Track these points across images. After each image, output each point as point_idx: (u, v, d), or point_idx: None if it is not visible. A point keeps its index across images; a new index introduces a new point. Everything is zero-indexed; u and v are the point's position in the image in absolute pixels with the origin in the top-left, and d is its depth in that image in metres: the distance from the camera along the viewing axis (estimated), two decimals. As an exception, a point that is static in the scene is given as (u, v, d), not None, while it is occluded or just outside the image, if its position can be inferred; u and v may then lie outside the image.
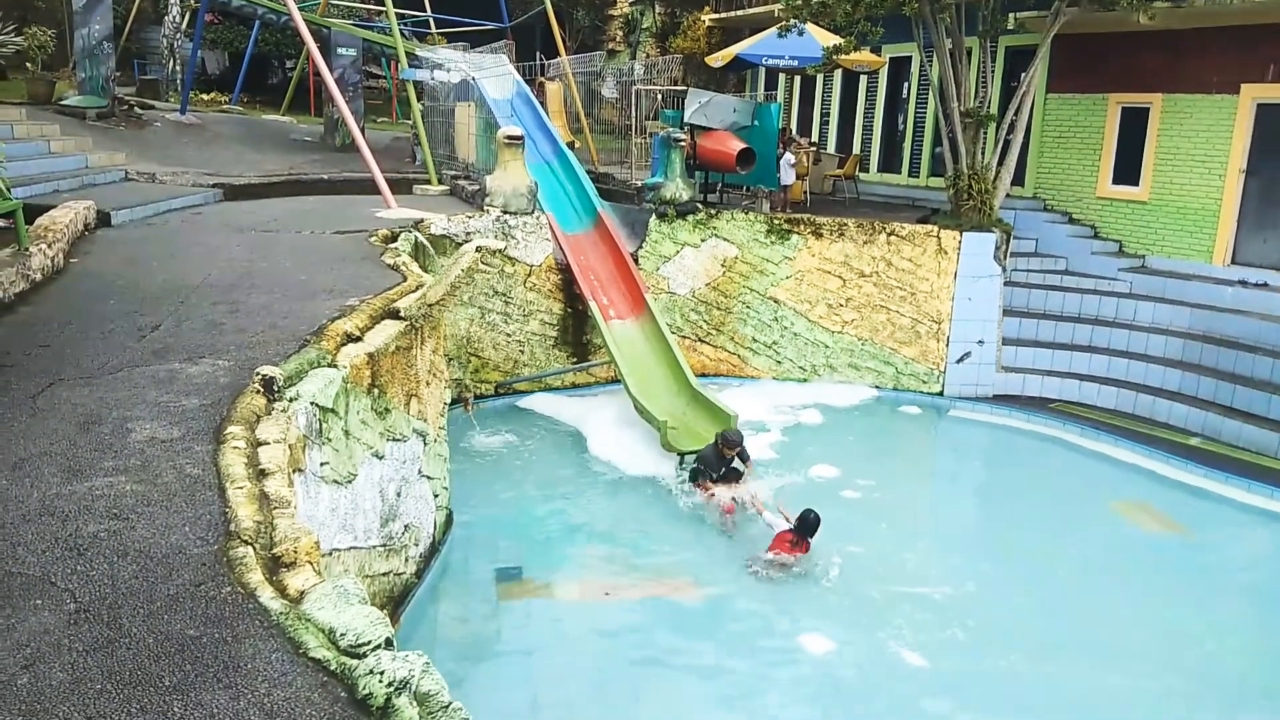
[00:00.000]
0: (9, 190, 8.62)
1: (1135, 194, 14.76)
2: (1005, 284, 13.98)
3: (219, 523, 4.22)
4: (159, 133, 18.50)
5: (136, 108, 19.52)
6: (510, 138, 13.15)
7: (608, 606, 8.25)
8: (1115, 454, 11.87)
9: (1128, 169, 14.85)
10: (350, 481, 6.40)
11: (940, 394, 13.87)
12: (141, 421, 5.25)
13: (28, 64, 18.11)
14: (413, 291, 8.28)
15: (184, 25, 27.35)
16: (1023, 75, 14.09)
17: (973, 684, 7.31)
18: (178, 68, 26.68)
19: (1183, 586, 9.00)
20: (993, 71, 14.96)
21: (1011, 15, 14.29)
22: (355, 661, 3.34)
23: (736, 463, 10.16)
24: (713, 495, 9.83)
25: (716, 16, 22.95)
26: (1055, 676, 7.40)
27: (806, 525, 8.74)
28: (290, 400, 5.68)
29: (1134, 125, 14.69)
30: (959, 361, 13.82)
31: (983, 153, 14.03)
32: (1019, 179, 15.56)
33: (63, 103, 17.08)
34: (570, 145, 16.87)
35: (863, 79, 18.71)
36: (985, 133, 14.02)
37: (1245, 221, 13.58)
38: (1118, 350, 13.73)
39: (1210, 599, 8.79)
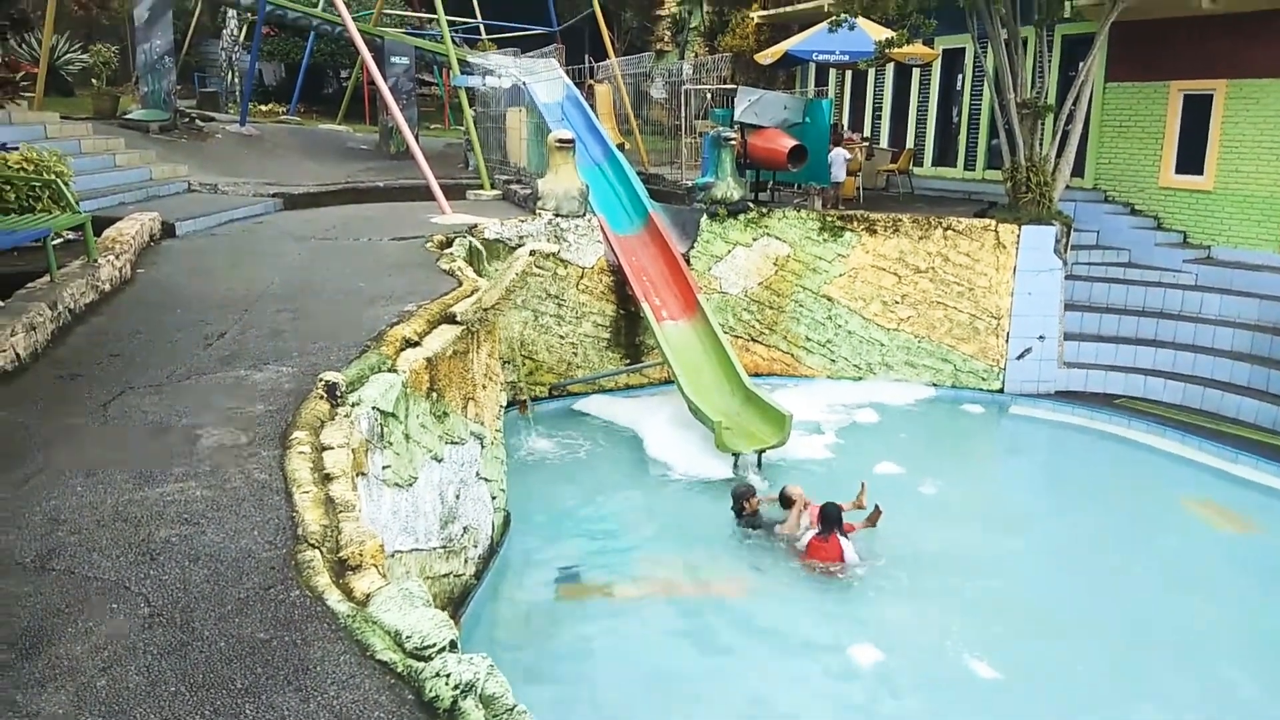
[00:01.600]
0: (78, 203, 8.89)
1: (1199, 183, 14.37)
2: (1066, 277, 13.70)
3: (287, 526, 4.30)
4: (219, 144, 18.92)
5: (197, 120, 19.99)
6: (561, 141, 13.21)
7: (665, 607, 8.25)
8: (1183, 451, 11.57)
9: (1191, 158, 14.46)
10: (411, 484, 6.48)
11: (1000, 391, 13.64)
12: (209, 428, 5.37)
13: (93, 80, 18.65)
14: (468, 296, 8.35)
15: (241, 38, 27.98)
16: (1080, 64, 13.78)
17: (1042, 687, 7.17)
18: (236, 80, 27.35)
19: (1257, 585, 8.76)
20: (1049, 61, 14.64)
21: (1068, 3, 13.98)
22: (421, 664, 3.38)
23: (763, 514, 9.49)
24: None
25: (765, 13, 22.80)
26: (1126, 676, 7.25)
27: (828, 521, 8.63)
28: (353, 405, 5.77)
29: (1197, 113, 14.30)
30: (1019, 358, 13.56)
31: (1041, 144, 13.76)
32: (1079, 170, 15.26)
33: (127, 117, 17.54)
34: (620, 147, 16.89)
35: (915, 72, 18.47)
36: (1043, 123, 13.73)
37: (1317, 209, 13.17)
38: (1183, 344, 13.37)
39: (1286, 599, 8.55)
